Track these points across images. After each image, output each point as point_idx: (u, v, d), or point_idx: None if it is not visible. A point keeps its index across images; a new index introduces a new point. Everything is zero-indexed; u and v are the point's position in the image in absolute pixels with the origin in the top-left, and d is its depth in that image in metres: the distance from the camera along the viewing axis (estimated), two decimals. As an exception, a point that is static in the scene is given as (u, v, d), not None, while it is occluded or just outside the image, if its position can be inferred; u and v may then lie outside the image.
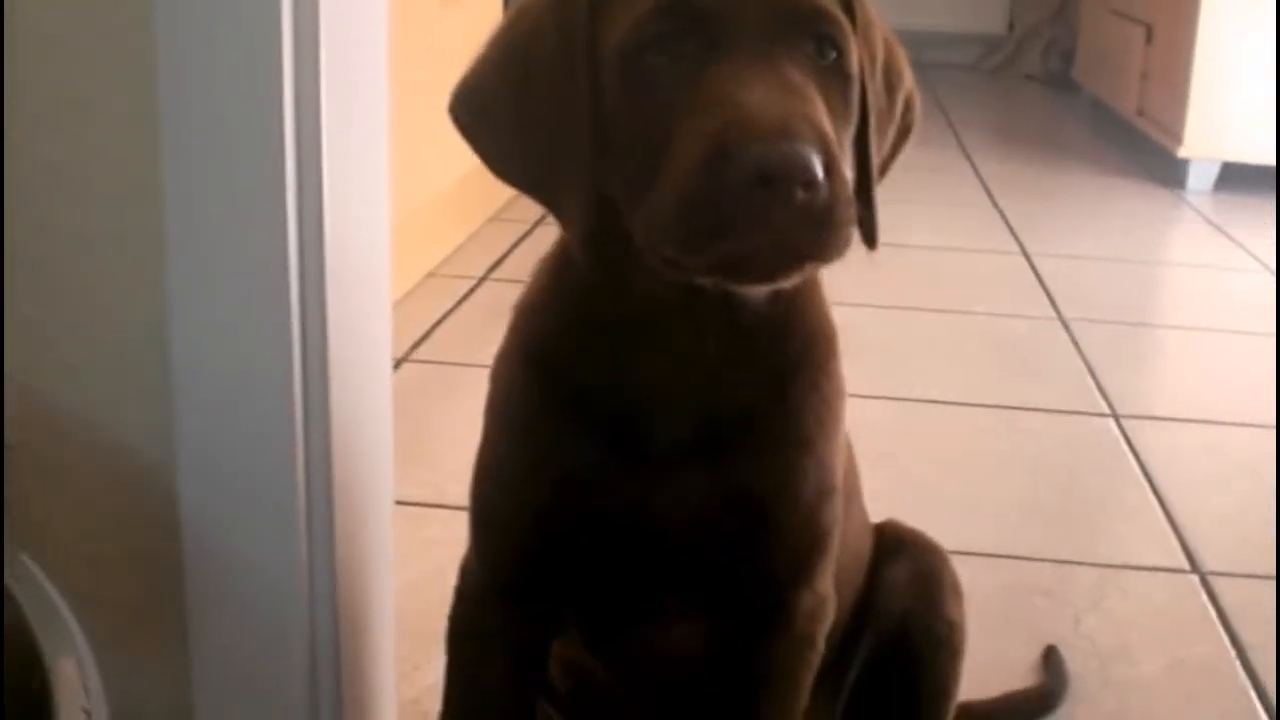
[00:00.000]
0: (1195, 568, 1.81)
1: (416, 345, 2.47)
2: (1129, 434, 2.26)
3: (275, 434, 1.12)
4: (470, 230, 3.17)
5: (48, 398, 1.13)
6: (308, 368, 1.13)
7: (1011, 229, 3.61)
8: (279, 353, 1.11)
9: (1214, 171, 4.28)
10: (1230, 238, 3.68)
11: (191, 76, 1.06)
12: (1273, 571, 1.80)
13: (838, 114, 0.94)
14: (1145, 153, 4.61)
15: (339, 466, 1.17)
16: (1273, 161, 4.13)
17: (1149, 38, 4.69)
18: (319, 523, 1.16)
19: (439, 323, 2.60)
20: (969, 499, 1.99)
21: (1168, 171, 4.36)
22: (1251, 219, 3.90)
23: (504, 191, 3.07)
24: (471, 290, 2.83)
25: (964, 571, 1.31)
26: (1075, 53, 6.07)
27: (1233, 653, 1.62)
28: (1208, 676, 1.58)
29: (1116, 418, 2.33)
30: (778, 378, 1.04)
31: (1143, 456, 2.17)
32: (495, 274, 2.97)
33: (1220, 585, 1.77)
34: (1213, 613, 1.71)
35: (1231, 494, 2.07)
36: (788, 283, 0.92)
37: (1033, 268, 3.25)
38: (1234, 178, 4.26)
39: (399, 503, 1.79)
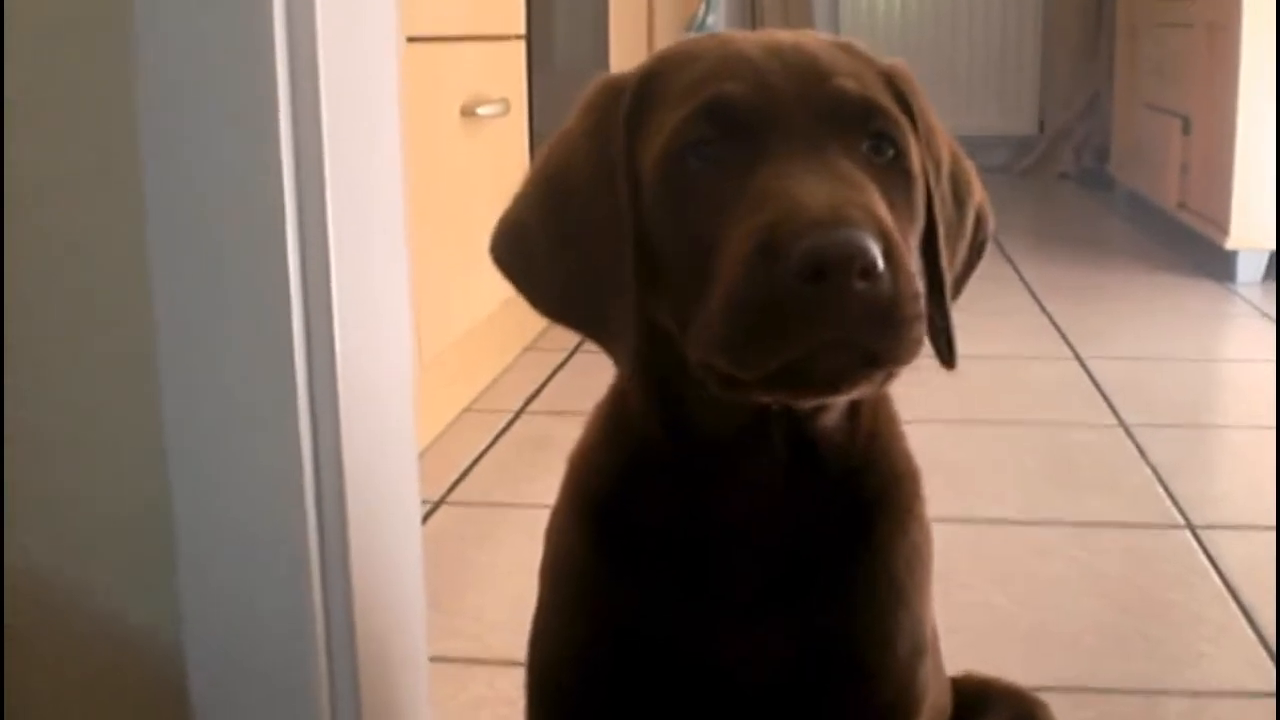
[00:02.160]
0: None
1: (454, 486, 2.38)
2: (1206, 545, 2.14)
3: (291, 608, 1.03)
4: (506, 363, 3.10)
5: (47, 579, 1.04)
6: (325, 531, 1.05)
7: (1062, 333, 3.51)
8: (292, 518, 1.03)
9: (1263, 261, 4.18)
10: (1286, 328, 3.57)
11: (185, 249, 1.00)
12: None
13: (900, 213, 0.87)
14: (1190, 246, 4.51)
15: (363, 635, 1.08)
16: (1323, 248, 4.03)
17: (1186, 129, 4.61)
18: (344, 704, 1.06)
19: (477, 460, 2.51)
20: (1042, 627, 1.86)
21: (1215, 264, 4.25)
22: (1306, 308, 3.78)
23: (539, 320, 3.01)
24: (509, 424, 2.74)
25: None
26: (1109, 148, 6.00)
27: None
28: None
29: (1192, 528, 2.21)
30: (861, 518, 0.97)
31: (1223, 569, 2.04)
32: (533, 406, 2.89)
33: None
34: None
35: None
36: (856, 393, 0.85)
37: (1088, 372, 3.14)
38: (1286, 267, 4.14)
39: (438, 659, 1.70)
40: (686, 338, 0.86)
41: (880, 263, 0.78)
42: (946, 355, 0.93)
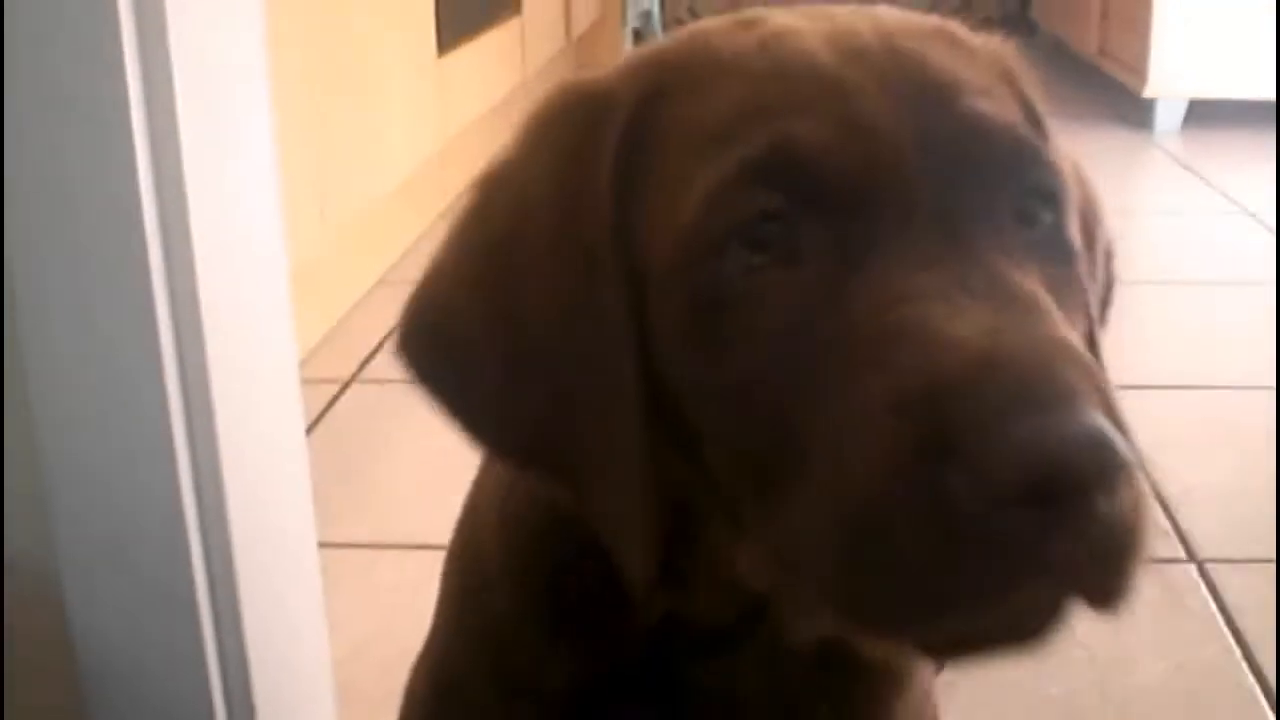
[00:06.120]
0: (1192, 556, 1.71)
1: (365, 363, 2.36)
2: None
3: (162, 504, 1.01)
4: (420, 230, 3.06)
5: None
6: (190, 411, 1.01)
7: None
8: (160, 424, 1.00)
9: (1181, 110, 4.18)
10: (1204, 179, 3.58)
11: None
12: (1273, 555, 1.70)
13: (1072, 320, 0.58)
14: (1110, 94, 4.51)
15: (240, 531, 1.06)
16: (1241, 96, 4.03)
17: (1107, -26, 4.58)
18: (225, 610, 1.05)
19: (389, 335, 2.47)
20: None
21: (1134, 112, 4.26)
22: (1222, 158, 3.80)
23: (457, 186, 2.95)
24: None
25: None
26: (1032, -7, 5.96)
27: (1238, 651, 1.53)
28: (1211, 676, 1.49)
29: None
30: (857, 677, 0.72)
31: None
32: (447, 275, 2.83)
33: (1220, 575, 1.67)
34: (1213, 605, 1.61)
35: (1227, 467, 1.97)
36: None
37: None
38: (1202, 115, 4.15)
39: (345, 545, 1.70)
40: (742, 545, 0.59)
41: (1128, 463, 0.49)
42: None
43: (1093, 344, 0.65)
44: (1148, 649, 1.51)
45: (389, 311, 0.68)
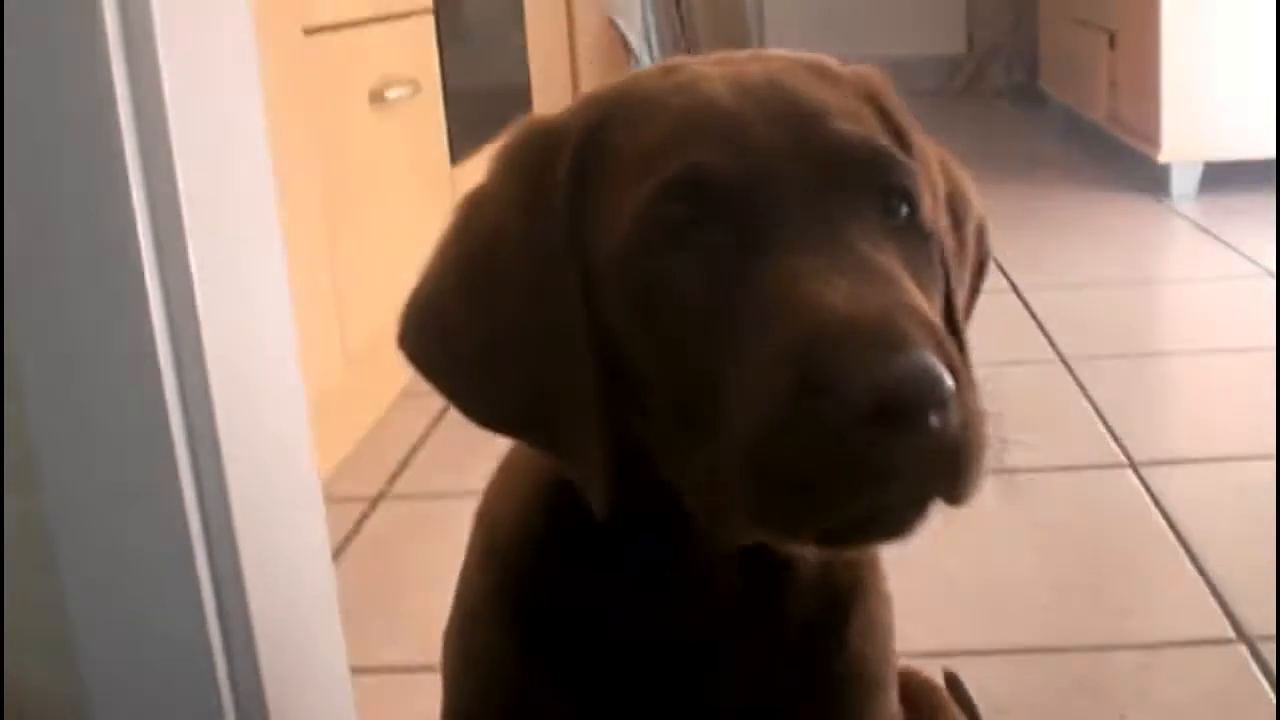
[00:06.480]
0: (1241, 635, 1.68)
1: (394, 478, 2.35)
2: (1149, 484, 2.13)
3: (187, 636, 1.00)
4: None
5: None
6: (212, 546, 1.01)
7: (997, 262, 3.48)
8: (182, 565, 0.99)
9: (1197, 174, 4.16)
10: (1225, 243, 3.56)
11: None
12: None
13: (925, 286, 0.74)
14: (1123, 161, 4.50)
15: (268, 659, 1.05)
16: (1257, 156, 4.00)
17: (1112, 43, 4.59)
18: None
19: (415, 449, 2.47)
20: (989, 586, 1.85)
21: (1149, 178, 4.24)
22: (1243, 220, 3.77)
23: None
24: (447, 406, 2.67)
25: (994, 674, 1.18)
26: (1039, 64, 5.97)
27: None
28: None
29: (1134, 466, 2.20)
30: (834, 609, 0.87)
31: (1167, 508, 2.03)
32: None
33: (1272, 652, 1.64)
34: (1266, 685, 1.57)
35: (1268, 540, 1.93)
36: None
37: (1024, 303, 3.13)
38: (1218, 178, 4.13)
39: (383, 669, 1.68)
40: (679, 474, 0.73)
41: (952, 389, 0.65)
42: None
43: (951, 307, 0.81)
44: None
45: (415, 424, 0.73)
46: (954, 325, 0.82)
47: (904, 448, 0.64)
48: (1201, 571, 1.83)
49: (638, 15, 4.98)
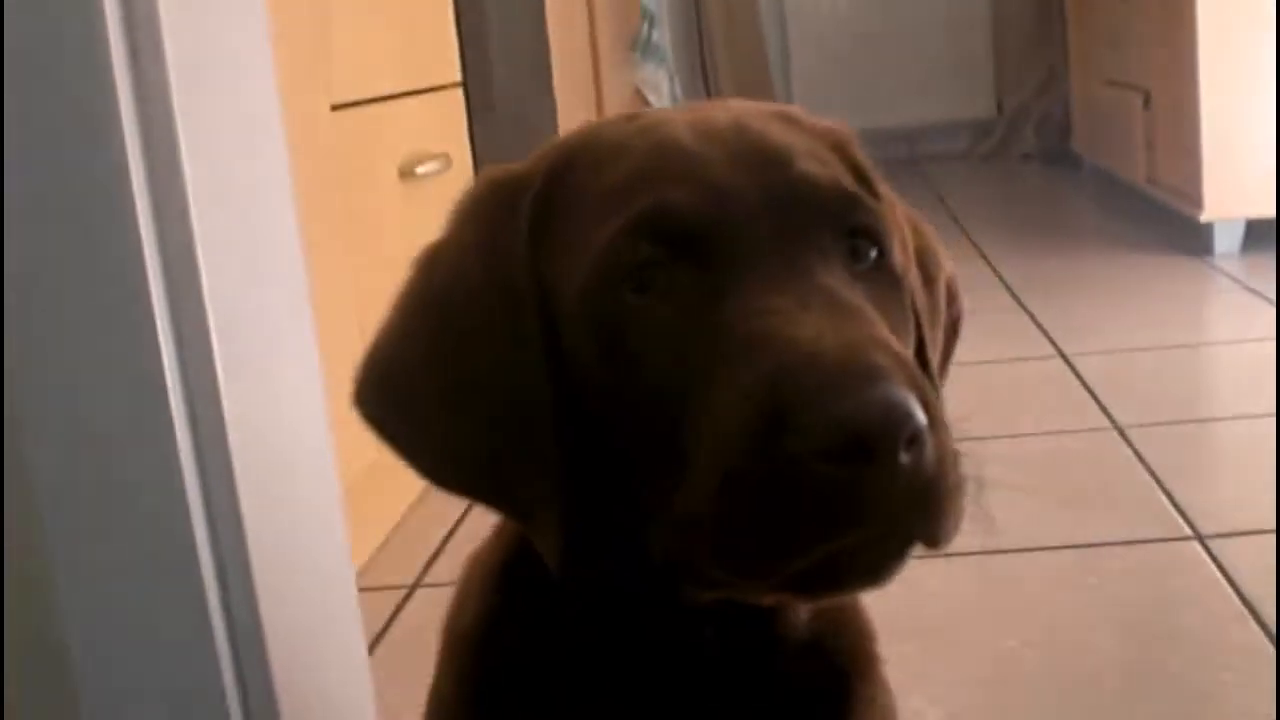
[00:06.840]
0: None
1: (429, 565, 2.27)
2: (1217, 556, 2.04)
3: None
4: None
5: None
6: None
7: (1044, 330, 3.41)
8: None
9: (1240, 231, 4.09)
10: (1271, 301, 3.47)
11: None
12: None
13: (898, 331, 0.72)
14: (1163, 222, 4.42)
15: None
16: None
17: (1147, 103, 4.53)
18: None
19: (450, 535, 2.37)
20: (1057, 670, 1.75)
21: (1191, 238, 4.16)
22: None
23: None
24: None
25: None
26: (1070, 125, 5.91)
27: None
28: None
29: (1200, 539, 2.11)
30: (833, 678, 0.82)
31: (1237, 582, 1.94)
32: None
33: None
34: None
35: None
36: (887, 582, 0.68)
37: (1074, 371, 3.04)
38: (1260, 234, 4.04)
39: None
40: (646, 525, 0.70)
41: (925, 423, 0.62)
42: None
43: (924, 357, 0.79)
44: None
45: (448, 510, 0.67)
46: (927, 370, 0.80)
47: (875, 484, 0.61)
48: (1276, 643, 1.74)
49: (665, 87, 4.96)
